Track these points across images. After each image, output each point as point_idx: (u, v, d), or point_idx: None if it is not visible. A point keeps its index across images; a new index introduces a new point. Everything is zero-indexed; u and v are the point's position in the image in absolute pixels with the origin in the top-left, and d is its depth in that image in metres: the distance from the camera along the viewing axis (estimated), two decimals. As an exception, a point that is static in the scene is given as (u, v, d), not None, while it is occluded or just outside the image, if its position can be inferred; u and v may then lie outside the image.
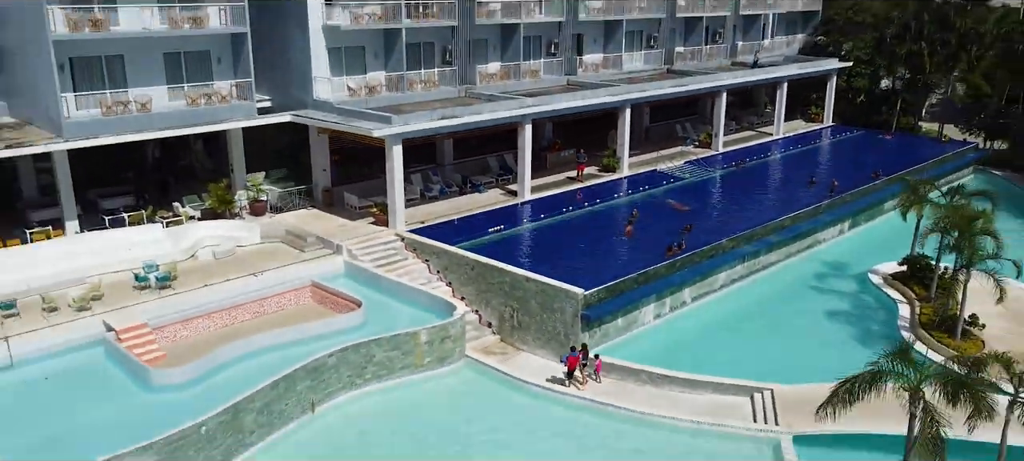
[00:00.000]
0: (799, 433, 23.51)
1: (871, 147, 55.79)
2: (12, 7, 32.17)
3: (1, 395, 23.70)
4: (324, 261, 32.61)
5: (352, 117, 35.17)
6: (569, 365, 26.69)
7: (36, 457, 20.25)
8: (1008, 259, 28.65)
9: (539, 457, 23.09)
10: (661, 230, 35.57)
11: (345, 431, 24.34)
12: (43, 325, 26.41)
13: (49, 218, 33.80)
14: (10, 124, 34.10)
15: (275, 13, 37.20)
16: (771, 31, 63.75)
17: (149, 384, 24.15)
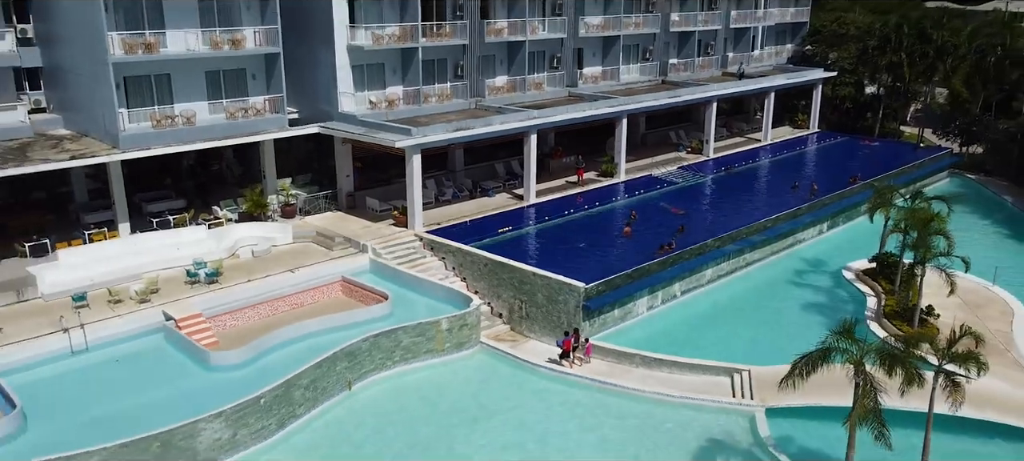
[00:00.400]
0: (771, 406, 27.27)
1: (853, 153, 59.53)
2: (73, 32, 35.90)
3: (82, 374, 27.42)
4: (351, 259, 36.32)
5: (375, 129, 38.91)
6: (564, 347, 30.50)
7: (120, 425, 23.86)
8: (958, 256, 32.36)
9: (548, 426, 26.81)
10: (656, 231, 39.32)
11: (379, 405, 28.07)
12: (111, 315, 30.11)
13: (102, 220, 37.57)
14: (67, 136, 37.81)
15: (304, 34, 40.91)
16: (760, 42, 67.47)
17: (208, 365, 27.87)
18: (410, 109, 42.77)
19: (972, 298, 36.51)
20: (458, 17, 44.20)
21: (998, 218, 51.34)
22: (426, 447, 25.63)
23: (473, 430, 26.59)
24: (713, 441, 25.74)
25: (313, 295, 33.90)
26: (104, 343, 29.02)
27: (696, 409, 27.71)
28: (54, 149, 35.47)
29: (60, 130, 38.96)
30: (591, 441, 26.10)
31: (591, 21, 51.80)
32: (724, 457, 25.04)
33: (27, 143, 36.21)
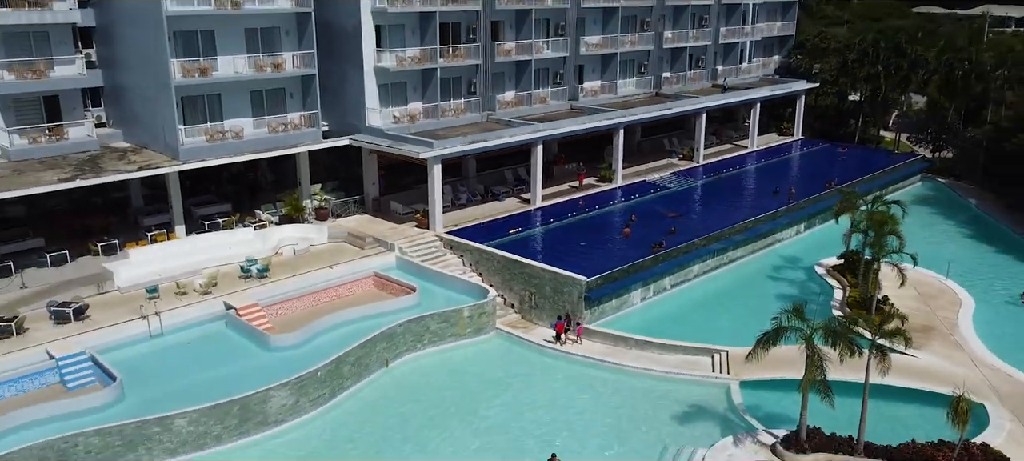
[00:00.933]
0: (744, 379, 32.26)
1: (832, 159, 64.61)
2: (137, 58, 40.92)
3: (161, 354, 32.41)
4: (380, 257, 41.33)
5: (401, 142, 43.95)
6: (557, 329, 35.62)
7: (201, 393, 28.76)
8: (909, 252, 37.34)
9: (555, 394, 31.84)
10: (652, 231, 44.25)
11: (412, 378, 33.09)
12: (179, 305, 35.12)
13: (159, 223, 42.61)
14: (129, 149, 42.82)
15: (336, 57, 45.91)
16: (748, 55, 72.47)
17: (268, 346, 32.85)
18: (429, 123, 47.81)
19: (926, 289, 41.57)
20: (471, 40, 49.25)
21: (961, 219, 56.37)
22: (455, 409, 30.64)
23: (493, 396, 31.63)
24: (694, 406, 30.73)
25: (349, 288, 38.88)
26: (176, 328, 34.03)
27: (680, 382, 32.72)
28: (121, 161, 40.52)
29: (120, 143, 43.99)
30: (590, 405, 31.12)
31: (590, 40, 56.84)
32: (703, 420, 30.01)
33: (96, 155, 41.25)
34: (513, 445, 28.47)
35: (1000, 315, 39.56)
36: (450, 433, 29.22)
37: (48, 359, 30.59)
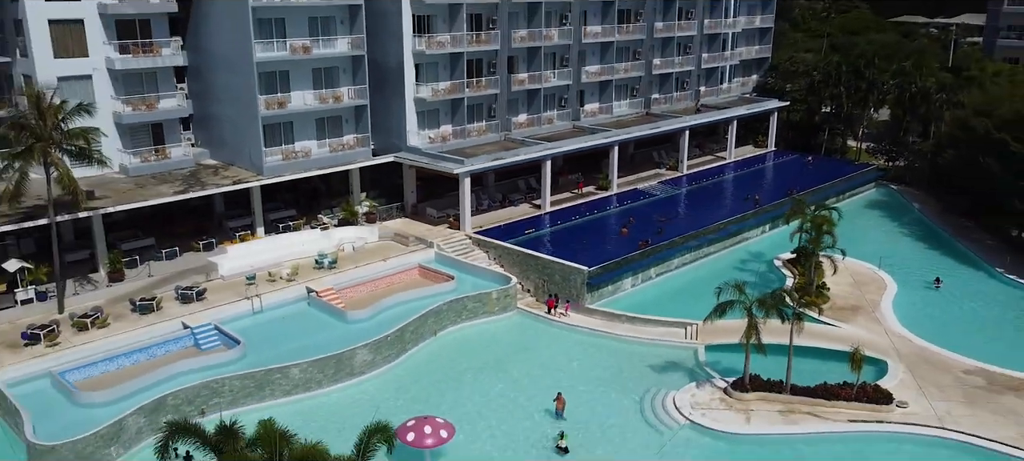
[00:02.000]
0: (708, 344, 42.36)
1: (799, 168, 74.69)
2: (228, 94, 51.02)
3: (265, 326, 42.46)
4: (422, 252, 51.44)
5: (436, 159, 54.13)
6: (548, 305, 45.84)
7: (303, 353, 38.72)
8: (840, 248, 47.47)
9: (564, 355, 41.97)
10: (642, 231, 54.29)
11: (455, 345, 43.21)
12: (271, 289, 45.24)
13: (242, 225, 52.72)
14: (218, 166, 52.93)
15: (382, 89, 55.98)
16: (728, 77, 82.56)
17: (345, 320, 42.96)
18: (457, 142, 57.98)
19: (860, 278, 51.79)
20: (491, 73, 59.42)
21: (905, 220, 66.52)
22: (487, 366, 40.75)
23: (517, 356, 41.82)
24: (669, 363, 40.87)
25: (400, 277, 49.00)
26: (272, 307, 44.16)
27: (659, 346, 42.83)
28: (215, 176, 50.69)
29: (209, 160, 54.08)
30: (589, 362, 41.24)
31: (590, 69, 67.02)
32: (675, 372, 40.12)
33: (194, 171, 51.42)
34: (530, 387, 38.54)
35: (915, 297, 49.78)
36: (484, 381, 39.32)
37: (183, 329, 40.72)
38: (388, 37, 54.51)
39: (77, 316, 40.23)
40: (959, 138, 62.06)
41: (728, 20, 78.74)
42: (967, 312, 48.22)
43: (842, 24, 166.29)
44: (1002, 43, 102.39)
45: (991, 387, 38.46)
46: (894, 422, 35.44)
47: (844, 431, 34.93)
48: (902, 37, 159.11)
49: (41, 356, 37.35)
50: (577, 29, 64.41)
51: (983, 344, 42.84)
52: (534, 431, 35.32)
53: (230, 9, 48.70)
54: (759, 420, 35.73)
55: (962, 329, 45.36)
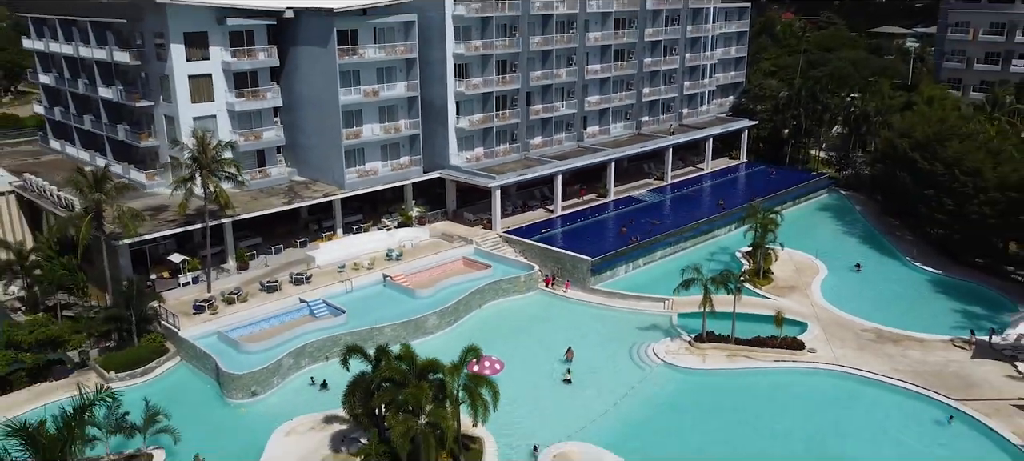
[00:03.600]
0: (680, 312, 58.19)
1: (765, 178, 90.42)
2: (316, 126, 66.78)
3: (356, 301, 58.19)
4: (464, 248, 67.22)
5: (473, 175, 70.02)
6: (546, 282, 61.68)
7: (387, 319, 54.41)
8: (780, 242, 63.36)
9: (577, 322, 57.75)
10: (634, 230, 70.10)
11: (493, 316, 58.98)
12: (357, 275, 61.07)
13: (325, 227, 68.51)
14: (306, 182, 68.67)
15: (431, 121, 71.70)
16: (707, 100, 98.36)
17: (414, 297, 58.79)
18: (488, 161, 73.80)
19: (801, 265, 67.57)
20: (514, 106, 75.26)
21: (846, 220, 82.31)
22: (516, 330, 56.48)
23: (542, 324, 57.65)
24: (651, 325, 56.65)
25: (448, 266, 64.79)
26: (359, 288, 59.97)
27: (644, 315, 58.61)
28: (307, 190, 66.52)
29: (298, 178, 69.81)
30: (593, 327, 57.00)
31: (591, 99, 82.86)
32: (655, 332, 55.82)
33: (289, 187, 67.22)
34: (548, 341, 54.22)
35: (840, 278, 65.60)
36: (515, 340, 54.85)
37: (300, 303, 56.50)
38: (436, 81, 70.33)
39: (226, 293, 56.14)
40: (887, 154, 77.93)
41: (706, 53, 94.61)
42: (876, 289, 64.04)
43: (818, 40, 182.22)
44: (947, 66, 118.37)
45: (878, 340, 54.36)
46: (803, 362, 51.32)
47: (768, 367, 50.82)
48: (871, 53, 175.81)
49: (208, 321, 53.24)
50: (581, 68, 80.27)
51: (881, 312, 58.61)
52: (552, 371, 50.95)
53: (320, 63, 64.57)
54: (712, 360, 51.64)
55: (869, 301, 61.13)
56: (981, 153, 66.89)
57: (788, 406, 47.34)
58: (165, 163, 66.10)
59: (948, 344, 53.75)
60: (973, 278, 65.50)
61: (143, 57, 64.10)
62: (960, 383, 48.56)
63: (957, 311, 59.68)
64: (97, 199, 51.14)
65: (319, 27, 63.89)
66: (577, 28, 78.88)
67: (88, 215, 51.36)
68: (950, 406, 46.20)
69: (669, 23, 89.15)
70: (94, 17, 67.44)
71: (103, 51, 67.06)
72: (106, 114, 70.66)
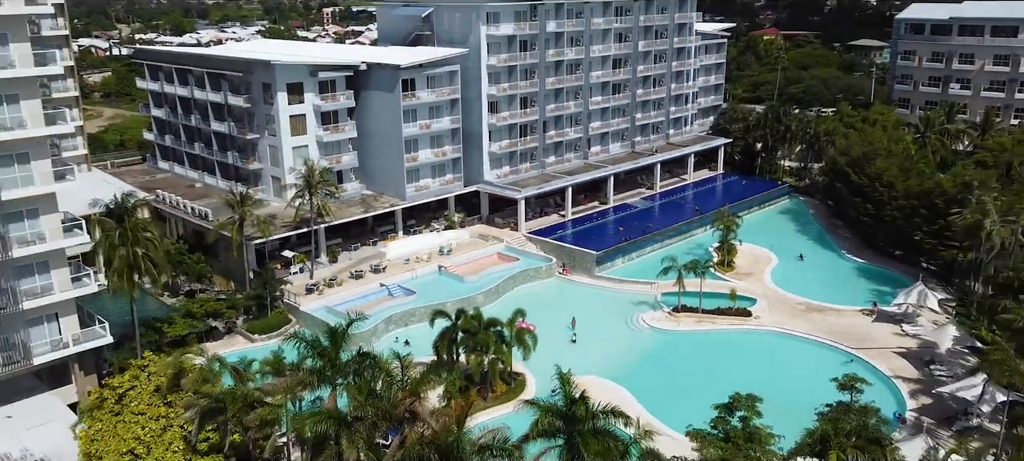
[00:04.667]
0: (663, 292, 77.97)
1: (737, 186, 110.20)
2: (384, 151, 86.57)
3: (423, 285, 77.96)
4: (496, 245, 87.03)
5: (502, 189, 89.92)
6: (565, 271, 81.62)
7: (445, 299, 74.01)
8: (739, 239, 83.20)
9: (585, 302, 77.49)
10: (629, 232, 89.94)
11: (523, 296, 78.50)
12: (418, 267, 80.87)
13: (387, 230, 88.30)
14: (374, 195, 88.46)
15: (469, 145, 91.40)
16: (690, 121, 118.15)
17: (464, 282, 78.49)
18: (513, 177, 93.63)
19: (758, 257, 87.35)
20: (533, 132, 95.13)
21: (801, 221, 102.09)
22: (539, 305, 75.96)
23: (559, 302, 77.25)
24: (641, 302, 76.43)
25: (487, 259, 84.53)
26: (422, 276, 79.69)
27: (636, 296, 78.40)
28: (376, 201, 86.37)
29: (366, 191, 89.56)
30: (596, 304, 76.77)
31: (594, 125, 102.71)
32: (644, 307, 75.59)
33: (362, 199, 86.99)
34: (559, 315, 73.83)
35: (787, 266, 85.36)
36: (538, 313, 73.82)
37: (379, 287, 76.23)
38: (473, 115, 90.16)
39: (326, 280, 75.92)
40: (831, 168, 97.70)
41: (689, 83, 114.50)
42: (813, 275, 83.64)
43: (795, 58, 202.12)
44: (898, 87, 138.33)
45: (807, 311, 74.13)
46: (750, 325, 71.07)
47: (724, 329, 70.61)
48: (845, 69, 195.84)
49: (317, 299, 72.93)
50: (586, 101, 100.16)
51: (813, 291, 78.25)
52: (563, 333, 70.50)
53: (387, 104, 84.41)
54: (684, 325, 71.44)
55: (805, 283, 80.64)
56: (895, 168, 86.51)
57: (737, 354, 67.00)
58: (266, 183, 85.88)
59: (858, 312, 73.61)
60: (888, 266, 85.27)
61: (252, 101, 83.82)
62: (860, 338, 68.39)
63: (871, 289, 79.42)
64: (242, 212, 70.77)
65: (387, 77, 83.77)
66: (582, 70, 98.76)
67: (234, 223, 70.99)
68: (850, 352, 65.92)
69: (657, 61, 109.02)
70: (212, 69, 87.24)
71: (218, 95, 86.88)
72: (216, 143, 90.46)
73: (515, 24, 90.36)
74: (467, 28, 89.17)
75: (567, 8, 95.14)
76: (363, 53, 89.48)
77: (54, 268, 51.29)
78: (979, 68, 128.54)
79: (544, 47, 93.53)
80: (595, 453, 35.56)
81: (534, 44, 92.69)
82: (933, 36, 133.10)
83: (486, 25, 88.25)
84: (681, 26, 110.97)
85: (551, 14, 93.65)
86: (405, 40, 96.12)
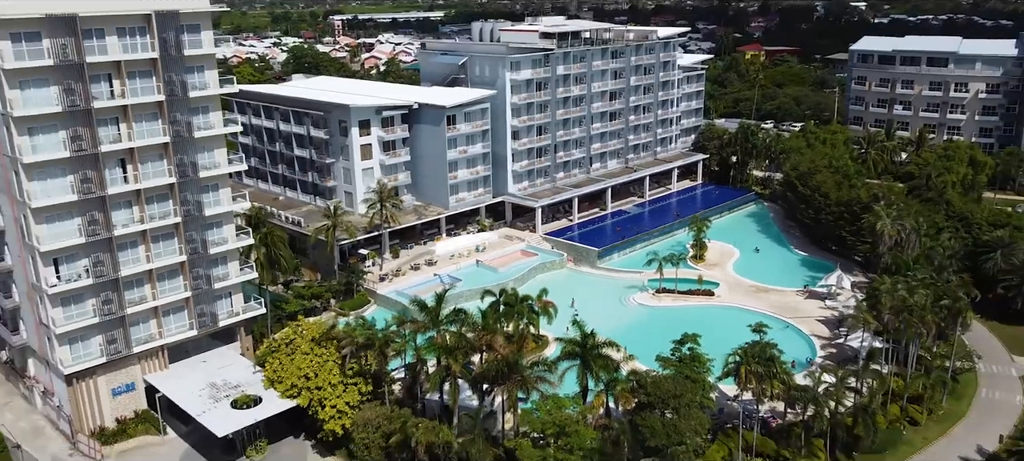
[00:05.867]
0: (649, 278, 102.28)
1: (712, 194, 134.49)
2: (431, 169, 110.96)
3: (466, 274, 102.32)
4: (520, 243, 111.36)
5: (524, 200, 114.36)
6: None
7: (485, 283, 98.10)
8: (709, 238, 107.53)
9: (592, 286, 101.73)
10: (624, 233, 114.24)
11: (541, 283, 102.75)
12: (461, 261, 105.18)
13: (432, 233, 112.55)
14: (423, 204, 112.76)
15: (496, 166, 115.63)
16: (674, 140, 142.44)
17: (497, 272, 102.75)
18: (531, 189, 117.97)
19: (724, 251, 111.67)
20: (546, 154, 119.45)
21: (762, 223, 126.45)
22: (556, 288, 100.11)
23: (573, 287, 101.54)
24: (632, 286, 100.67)
25: (512, 255, 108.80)
26: (464, 268, 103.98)
27: (627, 282, 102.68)
28: (425, 210, 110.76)
29: (416, 203, 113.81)
30: (596, 288, 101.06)
31: (595, 146, 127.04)
32: (635, 289, 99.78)
33: (414, 208, 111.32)
34: (569, 295, 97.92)
35: (746, 258, 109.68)
36: (553, 295, 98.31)
37: (433, 276, 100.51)
38: (500, 142, 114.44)
39: (392, 271, 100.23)
40: (786, 180, 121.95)
41: (673, 109, 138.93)
42: (766, 265, 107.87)
43: (772, 76, 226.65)
44: (853, 108, 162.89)
45: (758, 292, 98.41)
46: (713, 302, 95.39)
47: (693, 305, 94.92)
48: (813, 87, 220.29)
49: (389, 285, 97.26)
50: (588, 128, 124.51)
51: (765, 277, 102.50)
52: (568, 312, 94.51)
53: (434, 135, 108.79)
54: (663, 302, 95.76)
55: (759, 271, 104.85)
56: (830, 182, 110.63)
57: (701, 323, 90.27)
58: (339, 197, 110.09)
59: (795, 293, 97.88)
60: (825, 257, 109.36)
61: (330, 133, 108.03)
62: (793, 310, 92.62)
63: (808, 275, 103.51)
64: (335, 220, 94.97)
65: (436, 115, 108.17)
66: (585, 103, 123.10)
67: (328, 228, 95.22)
68: (787, 321, 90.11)
69: (646, 92, 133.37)
70: (297, 108, 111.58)
71: (301, 128, 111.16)
72: (297, 165, 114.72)
73: (532, 70, 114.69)
74: (495, 73, 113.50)
75: (573, 55, 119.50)
76: (416, 94, 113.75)
77: (230, 261, 75.50)
78: (917, 92, 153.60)
79: (555, 86, 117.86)
80: (599, 367, 59.82)
81: (547, 84, 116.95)
82: (880, 65, 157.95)
83: (510, 71, 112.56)
84: (665, 63, 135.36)
85: (560, 60, 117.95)
86: (444, 81, 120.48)
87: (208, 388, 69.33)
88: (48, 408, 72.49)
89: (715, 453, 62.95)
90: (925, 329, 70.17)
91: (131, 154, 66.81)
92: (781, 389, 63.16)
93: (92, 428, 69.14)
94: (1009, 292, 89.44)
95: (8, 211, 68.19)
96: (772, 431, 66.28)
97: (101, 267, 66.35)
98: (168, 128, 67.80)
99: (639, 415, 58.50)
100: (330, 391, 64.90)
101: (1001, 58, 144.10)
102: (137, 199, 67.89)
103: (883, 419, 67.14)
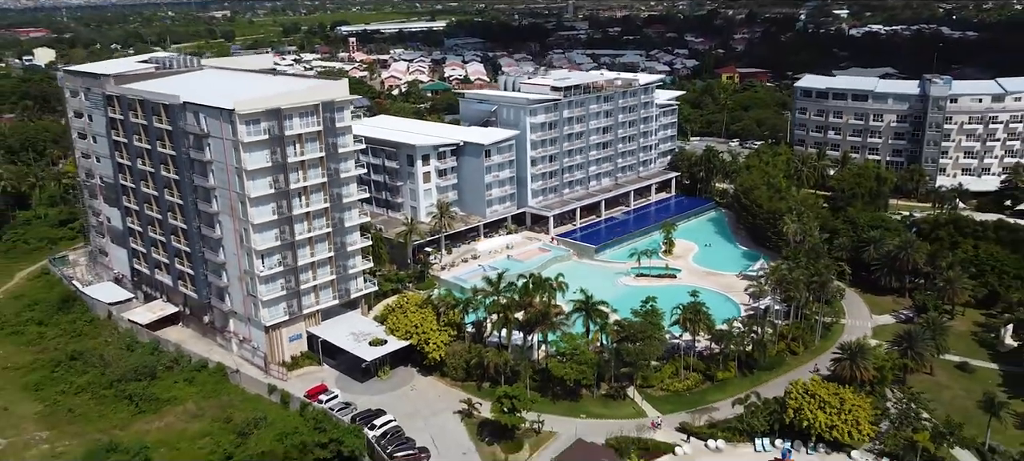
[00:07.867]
0: (632, 267, 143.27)
1: (681, 203, 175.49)
2: (470, 188, 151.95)
3: (502, 266, 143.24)
4: (538, 242, 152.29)
5: (541, 210, 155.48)
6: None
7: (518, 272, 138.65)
8: (676, 236, 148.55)
9: (587, 274, 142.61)
10: (620, 233, 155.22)
11: (555, 271, 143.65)
12: (498, 255, 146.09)
13: (472, 235, 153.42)
14: (467, 214, 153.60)
15: (519, 183, 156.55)
16: (653, 161, 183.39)
17: (523, 263, 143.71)
18: (545, 202, 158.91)
19: (687, 247, 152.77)
20: (556, 175, 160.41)
21: (718, 226, 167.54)
22: (567, 275, 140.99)
23: (572, 274, 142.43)
24: (620, 273, 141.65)
25: (535, 250, 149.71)
26: (501, 262, 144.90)
27: (618, 271, 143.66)
28: (469, 218, 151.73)
29: (460, 213, 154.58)
30: (595, 274, 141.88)
31: (591, 168, 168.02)
32: (623, 274, 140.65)
33: (460, 217, 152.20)
34: (575, 281, 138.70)
35: (702, 252, 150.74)
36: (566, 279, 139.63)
37: (478, 266, 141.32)
38: (522, 167, 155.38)
39: (450, 263, 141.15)
40: (736, 194, 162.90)
41: (652, 137, 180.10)
42: (717, 256, 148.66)
43: (739, 100, 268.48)
44: (797, 132, 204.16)
45: (708, 276, 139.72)
46: (675, 284, 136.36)
47: (661, 285, 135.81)
48: (776, 109, 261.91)
49: (448, 273, 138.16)
50: (586, 155, 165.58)
51: (715, 265, 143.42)
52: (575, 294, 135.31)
53: (475, 163, 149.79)
54: (641, 284, 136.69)
55: (711, 261, 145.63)
56: (764, 195, 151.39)
57: (667, 296, 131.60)
58: (406, 210, 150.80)
59: (734, 275, 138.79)
60: (761, 251, 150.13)
61: (399, 163, 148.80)
62: (730, 287, 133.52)
63: (745, 263, 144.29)
64: (411, 226, 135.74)
65: (476, 149, 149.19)
66: (585, 136, 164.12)
67: (407, 232, 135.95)
68: (726, 295, 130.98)
69: (630, 126, 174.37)
70: (374, 146, 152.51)
71: (378, 160, 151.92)
72: (373, 186, 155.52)
73: (545, 115, 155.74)
74: (519, 118, 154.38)
75: (575, 102, 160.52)
76: (460, 133, 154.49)
77: (356, 256, 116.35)
78: (845, 121, 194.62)
79: (562, 126, 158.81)
80: (595, 315, 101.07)
81: (556, 124, 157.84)
82: (817, 99, 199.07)
83: (529, 116, 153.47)
84: (646, 103, 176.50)
85: (566, 106, 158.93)
86: (480, 123, 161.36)
87: (351, 335, 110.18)
88: (244, 351, 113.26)
89: (668, 369, 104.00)
90: (799, 295, 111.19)
91: (305, 190, 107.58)
92: (705, 331, 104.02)
93: (278, 361, 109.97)
94: (877, 273, 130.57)
95: (229, 225, 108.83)
96: (703, 357, 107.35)
97: (286, 260, 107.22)
98: (325, 172, 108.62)
99: (621, 344, 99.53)
100: (432, 334, 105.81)
101: (907, 96, 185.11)
102: (307, 217, 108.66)
103: (772, 350, 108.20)
